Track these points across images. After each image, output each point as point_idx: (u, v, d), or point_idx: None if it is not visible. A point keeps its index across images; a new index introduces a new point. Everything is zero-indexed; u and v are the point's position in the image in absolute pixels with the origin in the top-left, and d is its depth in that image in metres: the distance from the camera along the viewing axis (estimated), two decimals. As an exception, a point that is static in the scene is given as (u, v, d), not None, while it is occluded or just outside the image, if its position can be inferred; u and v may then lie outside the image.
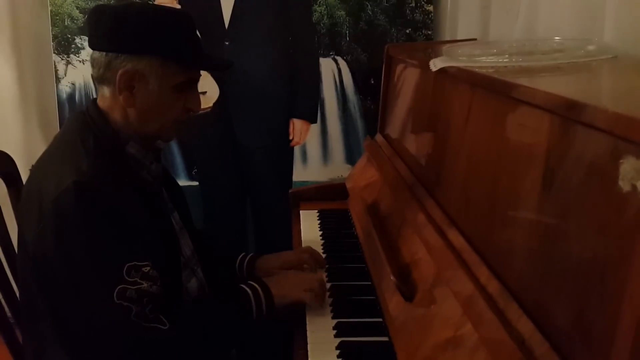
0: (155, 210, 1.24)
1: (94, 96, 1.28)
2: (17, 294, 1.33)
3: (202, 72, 1.32)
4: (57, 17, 2.40)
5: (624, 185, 0.60)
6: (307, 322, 1.25)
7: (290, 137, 2.50)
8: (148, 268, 1.13)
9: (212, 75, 2.38)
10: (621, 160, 0.60)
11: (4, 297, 1.36)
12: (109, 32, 1.19)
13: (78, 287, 1.11)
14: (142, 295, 1.10)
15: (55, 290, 1.14)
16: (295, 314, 1.28)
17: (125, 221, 1.13)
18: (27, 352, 1.27)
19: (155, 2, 2.28)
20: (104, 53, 1.19)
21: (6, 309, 1.36)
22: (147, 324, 1.10)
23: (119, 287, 1.09)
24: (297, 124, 2.49)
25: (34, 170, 1.23)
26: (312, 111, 2.49)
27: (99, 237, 1.11)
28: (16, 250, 1.29)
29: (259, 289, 1.26)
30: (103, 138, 1.21)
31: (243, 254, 1.55)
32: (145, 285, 1.11)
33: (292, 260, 1.50)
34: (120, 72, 1.18)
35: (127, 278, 1.10)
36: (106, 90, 1.23)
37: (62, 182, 1.11)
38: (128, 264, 1.11)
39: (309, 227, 1.79)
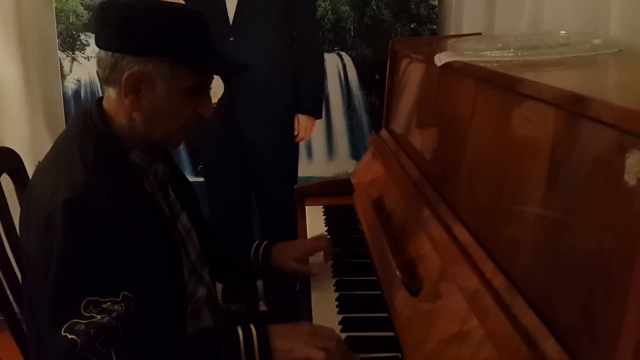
0: (156, 224, 1.18)
1: (100, 93, 1.25)
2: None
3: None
4: (62, 14, 2.41)
5: (630, 179, 0.60)
6: (313, 317, 1.25)
7: (295, 133, 2.50)
8: (109, 303, 1.04)
9: (217, 71, 2.38)
10: (627, 155, 0.60)
11: (11, 291, 1.37)
12: (115, 32, 1.14)
13: (45, 308, 1.07)
14: (91, 327, 1.02)
15: (38, 300, 1.12)
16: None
17: (111, 246, 1.07)
18: (29, 341, 1.27)
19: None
20: (110, 53, 1.13)
21: (15, 307, 1.37)
22: (95, 357, 1.03)
23: (71, 321, 1.03)
24: (302, 120, 2.49)
25: (36, 174, 1.20)
26: (317, 106, 2.49)
27: (74, 265, 1.05)
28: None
29: (254, 339, 1.06)
30: (104, 146, 1.15)
31: (257, 242, 1.50)
32: (98, 317, 1.03)
33: (308, 249, 1.47)
34: (126, 74, 1.12)
35: (83, 312, 1.03)
36: (112, 92, 1.17)
37: (55, 198, 1.06)
38: (88, 298, 1.04)
39: (315, 223, 1.79)
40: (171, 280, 1.20)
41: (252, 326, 1.09)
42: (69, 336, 1.02)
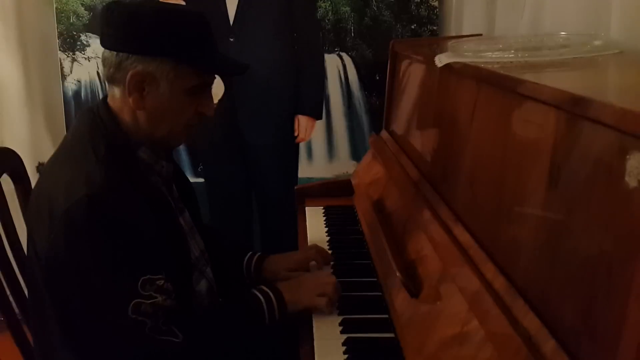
0: (164, 217, 1.22)
1: (100, 93, 1.27)
2: (26, 292, 1.33)
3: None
4: (63, 15, 2.41)
5: (631, 181, 0.60)
6: (313, 319, 1.25)
7: (296, 134, 2.50)
8: (162, 281, 1.12)
9: (217, 72, 2.38)
10: (627, 156, 0.60)
11: (13, 295, 1.37)
12: (120, 32, 1.16)
13: (92, 300, 1.10)
14: (157, 309, 1.10)
15: (66, 299, 1.13)
16: (305, 316, 1.26)
17: (138, 233, 1.11)
18: (36, 352, 1.28)
19: (161, -1, 2.28)
20: (115, 53, 1.16)
21: (15, 308, 1.37)
22: (160, 336, 1.10)
23: (134, 301, 1.08)
24: (302, 121, 2.49)
25: (45, 172, 1.21)
26: (317, 107, 2.49)
27: (113, 251, 1.09)
28: (23, 247, 1.29)
29: (271, 295, 1.24)
30: (114, 143, 1.18)
31: (250, 253, 1.53)
32: (159, 299, 1.10)
33: (300, 260, 1.49)
34: (130, 73, 1.15)
35: (141, 292, 1.09)
36: (116, 91, 1.20)
37: (73, 193, 1.09)
38: (143, 278, 1.09)
39: (315, 224, 1.79)
40: (179, 271, 1.22)
41: (265, 288, 1.26)
42: (139, 318, 1.08)
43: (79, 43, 2.43)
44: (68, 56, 2.43)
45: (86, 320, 1.12)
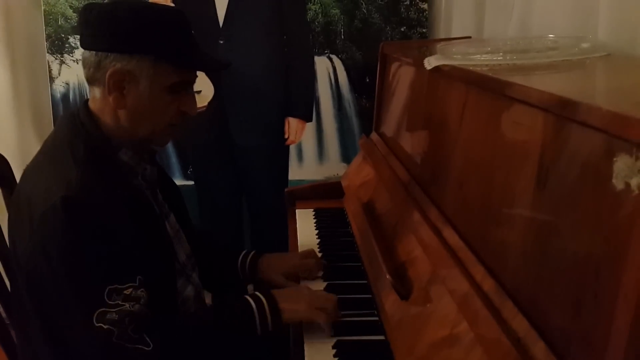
0: (147, 221, 1.20)
1: (88, 96, 1.26)
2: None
3: (197, 72, 1.29)
4: (51, 17, 2.40)
5: (618, 183, 0.60)
6: (303, 321, 1.24)
7: (286, 136, 2.49)
8: (130, 289, 1.08)
9: (207, 74, 2.38)
10: (615, 158, 0.60)
11: (0, 299, 1.36)
12: (98, 31, 1.16)
13: (62, 307, 1.09)
14: (124, 316, 1.06)
15: (43, 303, 1.12)
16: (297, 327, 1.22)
17: (113, 238, 1.10)
18: (19, 351, 1.27)
19: (150, 0, 2.27)
20: (94, 52, 1.16)
21: (3, 312, 1.35)
22: (131, 344, 1.06)
23: (99, 310, 1.05)
24: (292, 123, 2.49)
25: (25, 176, 1.20)
26: (307, 110, 2.49)
27: (83, 258, 1.08)
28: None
29: (265, 305, 1.18)
30: (94, 145, 1.17)
31: (244, 252, 1.51)
32: (127, 305, 1.07)
33: (296, 266, 1.46)
34: (109, 71, 1.14)
35: (107, 301, 1.06)
36: (97, 92, 1.19)
37: (51, 196, 1.08)
38: (109, 287, 1.06)
39: (305, 226, 1.78)
40: (162, 276, 1.21)
41: (259, 294, 1.21)
42: (104, 326, 1.05)
43: (67, 45, 2.42)
44: (56, 59, 2.42)
45: (61, 325, 1.11)
